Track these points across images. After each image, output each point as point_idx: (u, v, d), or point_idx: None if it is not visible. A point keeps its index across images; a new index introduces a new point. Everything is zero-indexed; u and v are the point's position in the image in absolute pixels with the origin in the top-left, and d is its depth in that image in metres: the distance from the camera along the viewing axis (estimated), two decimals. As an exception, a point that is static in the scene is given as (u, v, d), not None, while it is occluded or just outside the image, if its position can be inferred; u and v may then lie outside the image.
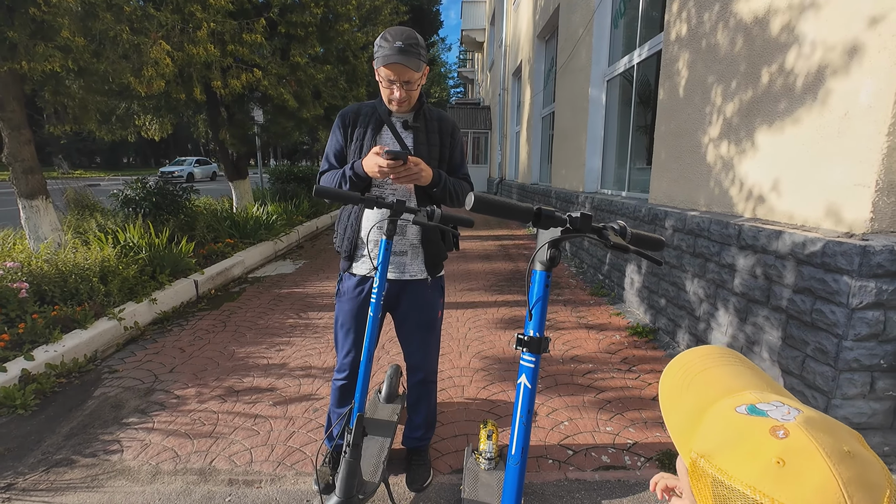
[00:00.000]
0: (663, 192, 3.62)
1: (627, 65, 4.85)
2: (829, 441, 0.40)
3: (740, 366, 0.55)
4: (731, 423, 0.45)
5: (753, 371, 0.54)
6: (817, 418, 0.43)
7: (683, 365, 0.57)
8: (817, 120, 2.11)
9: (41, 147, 26.12)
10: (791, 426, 0.42)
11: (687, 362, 0.57)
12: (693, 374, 0.55)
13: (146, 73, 3.93)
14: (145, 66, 3.89)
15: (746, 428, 0.44)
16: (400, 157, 1.45)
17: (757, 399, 0.46)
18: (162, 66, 4.01)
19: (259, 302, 4.22)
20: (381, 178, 1.58)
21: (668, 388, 0.56)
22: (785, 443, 0.41)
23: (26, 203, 3.93)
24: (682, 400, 0.53)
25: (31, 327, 2.83)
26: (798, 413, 0.43)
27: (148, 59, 3.86)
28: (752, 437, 0.43)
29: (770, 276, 2.25)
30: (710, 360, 0.56)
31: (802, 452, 0.39)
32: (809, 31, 2.16)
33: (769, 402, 0.46)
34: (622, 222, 0.95)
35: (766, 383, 0.52)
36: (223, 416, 2.33)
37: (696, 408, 0.50)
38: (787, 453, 0.40)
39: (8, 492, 1.82)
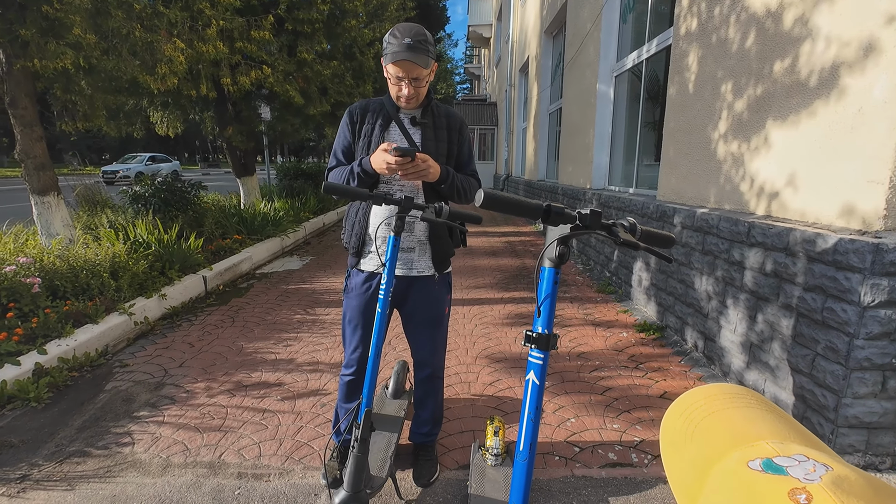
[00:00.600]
0: (672, 189, 3.59)
1: (636, 60, 4.81)
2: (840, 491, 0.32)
3: (757, 409, 0.46)
4: (741, 482, 0.37)
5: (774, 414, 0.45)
6: (851, 478, 0.34)
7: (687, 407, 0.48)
8: (830, 116, 2.08)
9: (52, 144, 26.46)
10: (815, 489, 0.33)
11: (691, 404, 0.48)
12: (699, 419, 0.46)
13: (160, 70, 3.96)
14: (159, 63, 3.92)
15: (760, 489, 0.35)
16: (408, 154, 1.45)
17: (775, 452, 0.38)
18: (176, 64, 4.04)
19: (267, 298, 4.25)
20: (389, 175, 1.58)
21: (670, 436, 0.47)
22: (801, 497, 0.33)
23: (38, 199, 3.98)
24: (684, 450, 0.45)
25: (43, 322, 2.88)
26: (826, 471, 0.35)
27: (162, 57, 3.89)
28: (766, 501, 0.34)
29: (780, 273, 2.23)
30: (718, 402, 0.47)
31: None
32: (823, 26, 2.13)
33: (790, 456, 0.37)
34: (632, 219, 0.95)
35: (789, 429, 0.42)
36: (232, 411, 2.36)
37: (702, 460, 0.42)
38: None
39: (24, 482, 1.85)
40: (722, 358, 2.70)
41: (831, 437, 1.89)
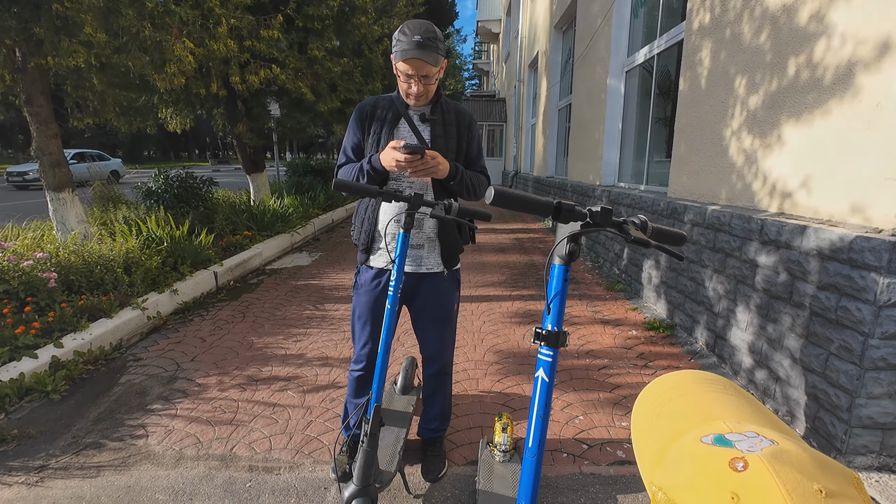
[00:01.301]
0: (683, 186, 3.55)
1: (647, 55, 4.75)
2: (796, 478, 0.34)
3: (723, 393, 0.49)
4: (692, 454, 0.41)
5: (739, 398, 0.48)
6: (792, 451, 0.37)
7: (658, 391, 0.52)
8: (846, 111, 2.04)
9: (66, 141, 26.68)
10: (753, 458, 0.36)
11: (661, 388, 0.52)
12: (666, 400, 0.50)
13: (169, 69, 4.00)
14: (168, 62, 3.95)
15: (707, 460, 0.39)
16: (417, 151, 1.45)
17: (728, 429, 0.42)
18: (184, 63, 4.07)
19: (277, 293, 4.29)
20: (398, 172, 1.58)
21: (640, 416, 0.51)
22: (742, 477, 0.36)
23: (54, 196, 4.05)
24: (652, 429, 0.49)
25: (59, 316, 2.94)
26: (770, 444, 0.38)
27: (171, 56, 3.93)
28: (711, 469, 0.38)
29: (793, 271, 2.20)
30: (686, 386, 0.51)
31: (761, 489, 0.34)
32: (840, 21, 2.09)
33: (742, 433, 0.40)
34: (643, 216, 0.94)
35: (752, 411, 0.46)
36: (243, 405, 2.39)
37: (665, 438, 0.46)
38: (743, 489, 0.35)
39: (42, 472, 1.90)
40: (732, 357, 2.67)
41: (844, 437, 1.87)
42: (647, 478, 0.45)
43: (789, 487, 0.33)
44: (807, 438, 2.08)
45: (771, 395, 2.34)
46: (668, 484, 0.41)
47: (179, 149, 52.94)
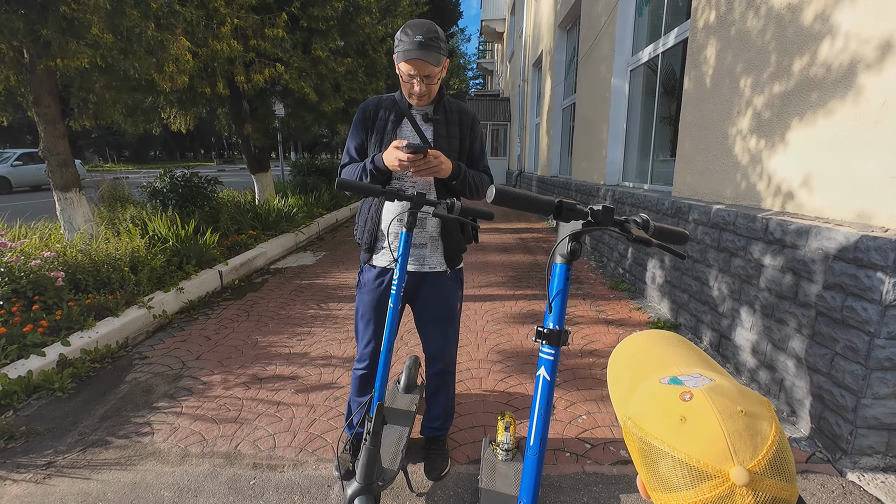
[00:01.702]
0: (687, 185, 3.54)
1: (652, 54, 4.73)
2: (725, 403, 0.48)
3: (678, 347, 0.62)
4: (653, 390, 0.53)
5: (692, 351, 0.61)
6: (724, 386, 0.50)
7: (626, 348, 0.65)
8: (852, 110, 2.03)
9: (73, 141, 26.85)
10: (696, 391, 0.49)
11: (629, 346, 0.65)
12: (632, 355, 0.63)
13: (168, 68, 4.02)
14: (167, 62, 3.98)
15: (663, 394, 0.52)
16: (420, 151, 1.45)
17: (680, 372, 0.54)
18: (183, 63, 4.10)
19: (281, 292, 4.31)
20: (401, 172, 1.59)
21: (614, 365, 0.64)
22: (688, 405, 0.49)
23: (61, 195, 4.09)
24: (622, 377, 0.61)
25: (67, 314, 2.97)
26: (709, 381, 0.51)
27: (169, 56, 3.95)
28: (666, 401, 0.51)
29: (798, 271, 2.19)
30: (649, 344, 0.64)
31: (700, 412, 0.48)
32: (845, 20, 2.07)
33: (690, 375, 0.53)
34: (645, 215, 0.94)
35: (700, 361, 0.59)
36: (247, 403, 2.41)
37: (633, 381, 0.58)
38: (689, 413, 0.48)
39: (49, 469, 1.92)
40: (737, 356, 2.66)
41: (850, 438, 1.86)
42: (620, 412, 0.57)
43: (720, 409, 0.47)
44: (811, 439, 2.07)
45: (775, 395, 2.32)
46: (635, 413, 0.53)
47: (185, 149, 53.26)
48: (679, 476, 0.47)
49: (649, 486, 0.51)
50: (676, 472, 0.47)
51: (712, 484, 0.46)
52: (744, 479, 0.44)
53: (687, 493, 0.47)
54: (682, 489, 0.47)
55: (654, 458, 0.50)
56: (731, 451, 0.45)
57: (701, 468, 0.46)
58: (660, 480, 0.49)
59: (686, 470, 0.47)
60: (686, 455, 0.47)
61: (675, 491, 0.48)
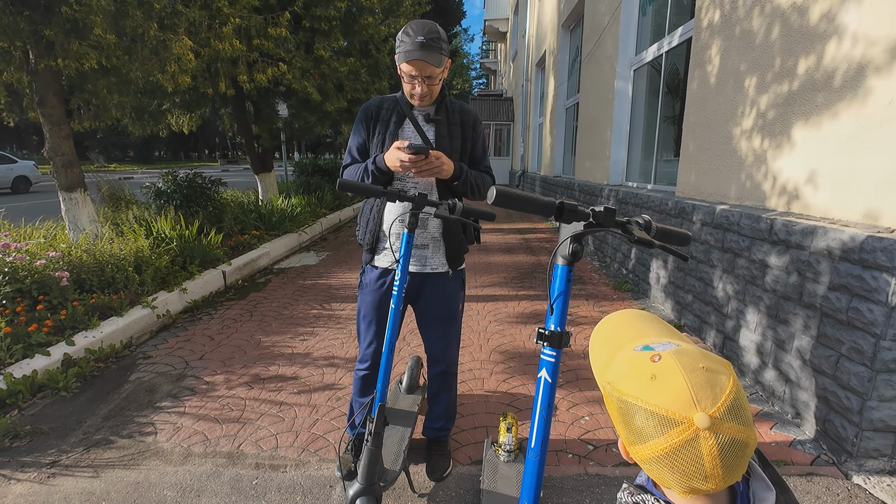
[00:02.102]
0: (691, 185, 3.52)
1: (656, 53, 4.71)
2: (688, 361, 0.56)
3: (651, 322, 0.71)
4: (628, 357, 0.62)
5: (661, 325, 0.70)
6: (688, 349, 0.58)
7: (606, 325, 0.74)
8: (858, 109, 2.01)
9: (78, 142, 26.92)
10: (664, 354, 0.58)
11: (608, 323, 0.74)
12: (611, 330, 0.72)
13: (170, 68, 4.04)
14: (168, 62, 3.99)
15: (637, 358, 0.60)
16: (421, 152, 1.45)
17: (651, 341, 0.63)
18: (185, 62, 4.11)
19: (284, 292, 4.32)
20: (402, 172, 1.59)
21: (595, 341, 0.72)
22: (657, 365, 0.57)
23: (66, 196, 4.11)
24: (602, 349, 0.69)
25: (71, 314, 2.98)
26: (675, 346, 0.59)
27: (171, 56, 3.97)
28: (638, 364, 0.59)
29: (803, 272, 2.17)
30: (625, 320, 0.72)
31: (668, 370, 0.56)
32: (851, 19, 2.05)
33: (660, 342, 0.62)
34: (647, 216, 0.93)
35: (668, 332, 0.67)
36: (250, 403, 2.41)
37: (611, 352, 0.66)
38: (658, 371, 0.56)
39: (53, 468, 1.93)
40: (741, 357, 2.64)
41: (855, 440, 1.84)
42: (599, 378, 0.66)
43: (684, 367, 0.55)
44: (816, 441, 2.05)
45: (780, 397, 2.31)
46: (612, 378, 0.62)
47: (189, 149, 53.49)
48: (651, 426, 0.55)
49: (627, 442, 0.59)
50: (649, 423, 0.55)
51: (679, 430, 0.53)
52: (706, 423, 0.51)
53: (658, 440, 0.54)
54: (654, 437, 0.54)
55: (630, 414, 0.57)
56: (694, 400, 0.53)
57: (669, 416, 0.53)
58: (635, 434, 0.56)
59: (657, 420, 0.54)
60: (656, 406, 0.54)
61: (649, 440, 0.55)
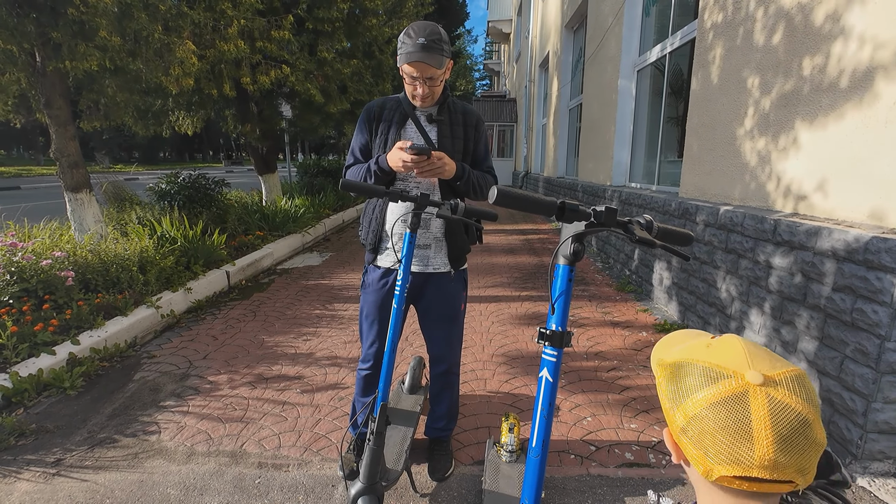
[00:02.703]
0: (695, 186, 3.51)
1: (659, 54, 4.70)
2: (751, 343, 0.57)
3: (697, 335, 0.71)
4: (685, 337, 0.66)
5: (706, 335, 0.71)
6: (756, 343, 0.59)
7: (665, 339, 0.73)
8: (863, 110, 2.00)
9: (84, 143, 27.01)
10: (725, 335, 0.60)
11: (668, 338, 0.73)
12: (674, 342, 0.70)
13: (174, 71, 4.06)
14: (172, 65, 4.02)
15: (694, 336, 0.64)
16: (424, 152, 1.46)
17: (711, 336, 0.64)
18: (188, 65, 4.13)
19: (287, 293, 4.34)
20: (405, 172, 1.59)
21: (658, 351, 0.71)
22: (716, 339, 0.60)
23: (72, 196, 4.14)
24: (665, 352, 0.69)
25: (76, 313, 3.00)
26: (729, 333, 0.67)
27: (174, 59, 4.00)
28: (696, 339, 0.63)
29: (808, 273, 2.16)
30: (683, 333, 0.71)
31: (726, 340, 0.58)
32: (856, 21, 2.04)
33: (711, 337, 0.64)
34: (648, 216, 0.93)
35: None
36: (253, 402, 2.42)
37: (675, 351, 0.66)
38: (715, 342, 0.59)
39: (57, 466, 1.95)
40: (745, 359, 2.63)
41: (860, 442, 1.83)
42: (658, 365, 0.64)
43: (744, 341, 0.56)
44: (821, 443, 2.03)
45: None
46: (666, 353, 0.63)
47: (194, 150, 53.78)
48: (701, 380, 0.54)
49: (674, 404, 0.57)
50: (699, 379, 0.54)
51: (729, 382, 0.51)
52: (758, 380, 0.50)
53: (707, 392, 0.52)
54: (703, 389, 0.53)
55: (681, 375, 0.57)
56: (749, 362, 0.52)
57: (720, 369, 0.53)
58: (684, 391, 0.55)
59: (706, 374, 0.54)
60: (708, 362, 0.54)
61: (697, 393, 0.53)
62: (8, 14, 3.29)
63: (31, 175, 25.52)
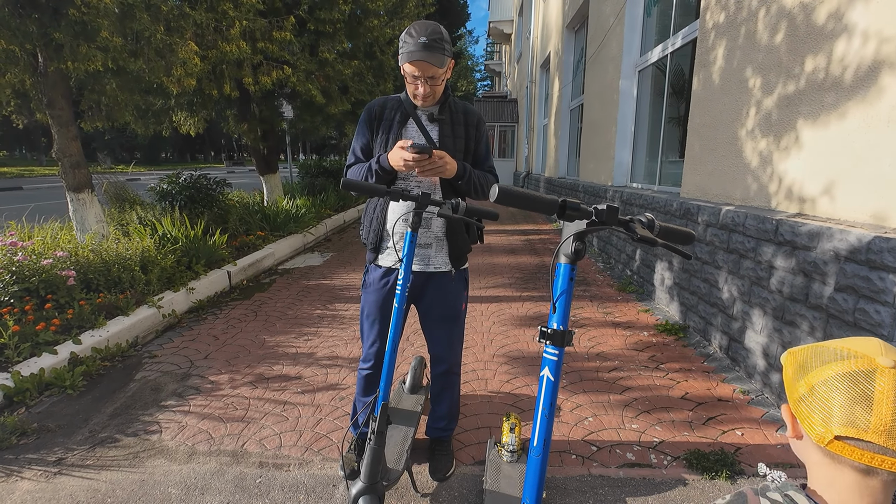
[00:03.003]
0: (696, 186, 3.51)
1: (660, 54, 4.70)
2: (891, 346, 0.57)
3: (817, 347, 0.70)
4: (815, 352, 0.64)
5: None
6: None
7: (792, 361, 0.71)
8: (865, 109, 2.00)
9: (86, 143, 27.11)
10: None
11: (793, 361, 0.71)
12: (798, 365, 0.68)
13: (175, 71, 4.07)
14: (174, 65, 4.03)
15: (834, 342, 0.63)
16: (425, 151, 1.46)
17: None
18: (190, 66, 4.14)
19: (288, 293, 4.34)
20: (406, 172, 1.59)
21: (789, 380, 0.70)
22: (854, 340, 0.59)
23: (73, 196, 4.15)
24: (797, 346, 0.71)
25: (78, 313, 3.01)
26: None
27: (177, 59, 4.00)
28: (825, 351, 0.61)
29: (810, 273, 2.15)
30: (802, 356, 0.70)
31: (861, 339, 0.58)
32: (859, 19, 2.04)
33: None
34: (650, 215, 0.93)
35: None
36: (254, 402, 2.42)
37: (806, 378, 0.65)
38: (849, 340, 0.59)
39: (58, 465, 1.95)
40: (747, 360, 2.63)
41: (862, 442, 1.82)
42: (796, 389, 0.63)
43: (881, 342, 0.57)
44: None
45: (786, 400, 2.29)
46: (807, 346, 0.63)
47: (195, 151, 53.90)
48: (829, 357, 0.57)
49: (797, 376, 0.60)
50: (828, 356, 0.57)
51: (857, 360, 0.54)
52: (889, 364, 0.51)
53: (835, 364, 0.55)
54: (828, 364, 0.56)
55: (811, 356, 0.59)
56: (882, 351, 0.54)
57: (851, 352, 0.55)
58: (809, 366, 0.58)
59: (836, 353, 0.57)
60: (841, 347, 0.57)
61: (821, 366, 0.56)
62: (10, 15, 3.30)
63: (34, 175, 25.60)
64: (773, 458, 1.95)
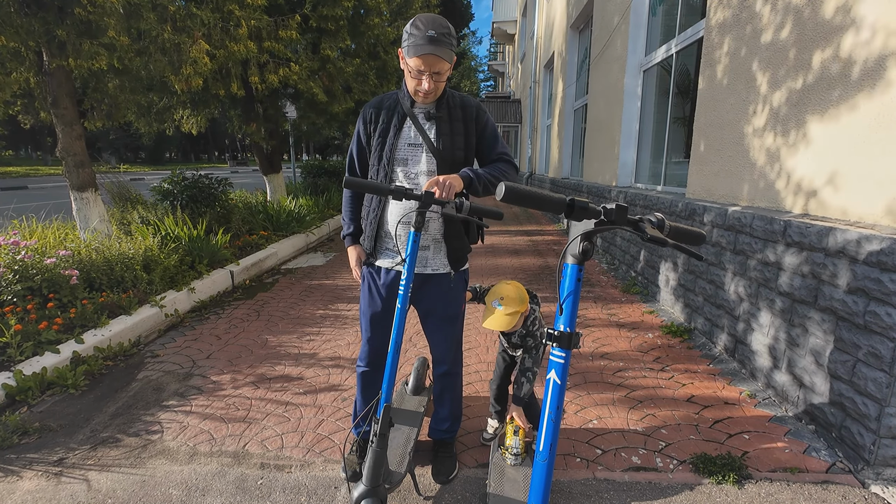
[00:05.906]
0: (702, 186, 3.47)
1: (666, 54, 4.67)
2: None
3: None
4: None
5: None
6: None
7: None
8: (876, 107, 1.96)
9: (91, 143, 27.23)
10: None
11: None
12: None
13: (185, 71, 4.07)
14: (184, 64, 4.03)
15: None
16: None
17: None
18: (200, 65, 4.14)
19: (291, 293, 4.33)
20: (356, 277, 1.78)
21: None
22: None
23: (77, 195, 4.16)
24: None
25: (81, 312, 3.01)
26: None
27: (187, 58, 4.00)
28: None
29: (819, 275, 2.12)
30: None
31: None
32: (868, 13, 2.01)
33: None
34: (660, 215, 0.91)
35: None
36: (256, 402, 2.41)
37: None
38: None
39: (59, 465, 1.94)
40: (753, 361, 2.59)
41: (872, 448, 1.79)
42: None
43: None
44: (831, 448, 2.00)
45: (793, 402, 2.26)
46: None
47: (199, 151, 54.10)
48: None
49: None
50: None
51: None
52: None
53: None
54: None
55: None
56: None
57: None
58: None
59: None
60: None
61: None
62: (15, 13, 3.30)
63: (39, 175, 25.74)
64: (782, 463, 1.92)
